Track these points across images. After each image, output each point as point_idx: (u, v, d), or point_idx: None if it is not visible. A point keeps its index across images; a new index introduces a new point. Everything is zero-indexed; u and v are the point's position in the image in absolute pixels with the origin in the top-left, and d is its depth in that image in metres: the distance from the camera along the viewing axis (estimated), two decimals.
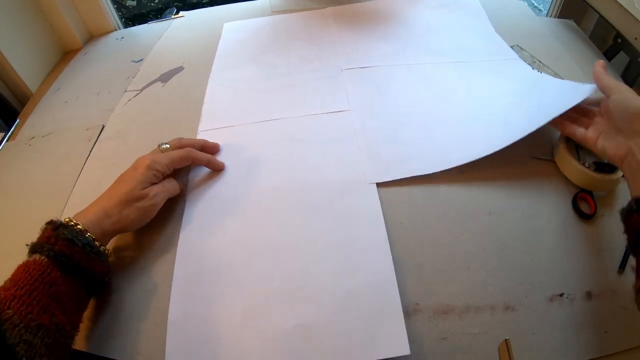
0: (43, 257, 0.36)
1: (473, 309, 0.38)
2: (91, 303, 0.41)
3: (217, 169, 0.51)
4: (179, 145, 0.50)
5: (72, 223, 0.38)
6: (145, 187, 0.44)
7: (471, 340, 0.37)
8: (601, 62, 0.46)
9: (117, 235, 0.45)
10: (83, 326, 0.38)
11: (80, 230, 0.38)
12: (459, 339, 0.37)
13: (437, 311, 0.38)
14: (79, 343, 0.39)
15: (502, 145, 0.48)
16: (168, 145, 0.49)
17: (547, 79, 0.58)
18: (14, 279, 0.34)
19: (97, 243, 0.39)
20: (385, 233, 0.43)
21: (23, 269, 0.35)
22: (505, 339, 0.36)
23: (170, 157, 0.47)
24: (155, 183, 0.45)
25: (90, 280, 0.38)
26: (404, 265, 0.41)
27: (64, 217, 0.39)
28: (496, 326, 0.38)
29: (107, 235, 0.41)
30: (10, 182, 0.56)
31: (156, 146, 0.49)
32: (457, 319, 0.38)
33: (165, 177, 0.47)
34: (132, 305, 0.41)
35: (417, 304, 0.39)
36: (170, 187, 0.47)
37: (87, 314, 0.40)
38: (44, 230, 0.38)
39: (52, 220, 0.39)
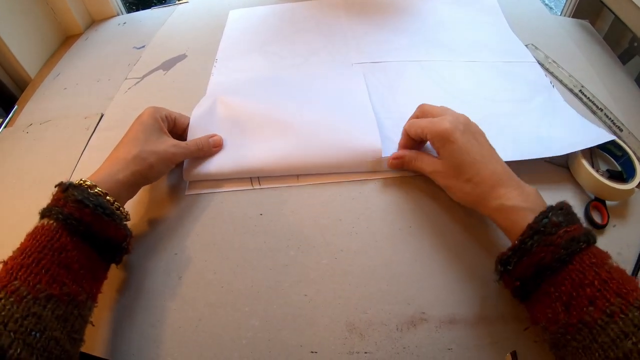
0: (51, 222, 0.33)
1: (480, 319, 0.37)
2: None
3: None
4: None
5: (82, 182, 0.36)
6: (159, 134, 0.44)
7: (477, 352, 0.36)
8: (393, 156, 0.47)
9: None
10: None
11: (91, 188, 0.36)
12: (465, 349, 0.36)
13: (444, 321, 0.37)
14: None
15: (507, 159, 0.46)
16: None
17: (560, 103, 0.56)
18: (22, 247, 0.32)
19: (110, 200, 0.36)
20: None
21: (31, 236, 0.33)
22: (512, 352, 0.35)
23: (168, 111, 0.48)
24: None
25: (105, 245, 0.36)
26: (411, 273, 0.40)
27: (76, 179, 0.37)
28: (504, 337, 0.36)
29: (124, 189, 0.39)
30: (7, 169, 0.55)
31: None
32: (463, 330, 0.37)
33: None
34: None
35: (423, 312, 0.38)
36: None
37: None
38: (53, 193, 0.36)
39: (62, 181, 0.37)
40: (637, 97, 0.59)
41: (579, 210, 0.45)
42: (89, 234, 0.34)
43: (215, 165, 0.49)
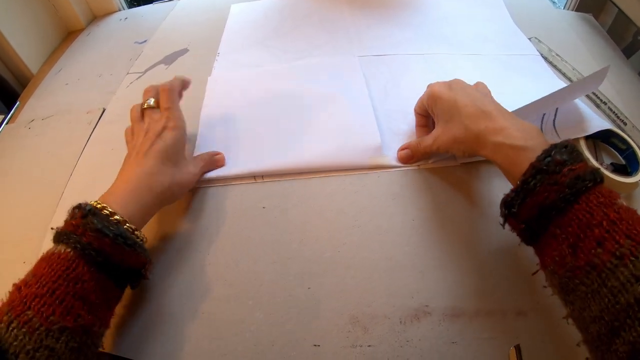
0: (69, 250, 0.32)
1: (484, 313, 0.37)
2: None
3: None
4: (158, 92, 0.46)
5: (101, 207, 0.34)
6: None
7: (481, 345, 0.36)
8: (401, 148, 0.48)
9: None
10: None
11: (112, 215, 0.34)
12: (468, 343, 0.36)
13: (447, 314, 0.37)
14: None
15: None
16: (152, 101, 0.45)
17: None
18: (37, 274, 0.31)
19: (130, 229, 0.35)
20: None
21: (47, 262, 0.31)
22: (516, 345, 0.35)
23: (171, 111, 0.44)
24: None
25: (124, 274, 0.35)
26: (414, 267, 0.40)
27: (93, 200, 0.35)
28: (508, 331, 0.36)
29: (145, 217, 0.38)
30: (9, 165, 0.55)
31: (138, 110, 0.46)
32: (467, 323, 0.37)
33: None
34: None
35: (426, 305, 0.38)
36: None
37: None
38: (71, 216, 0.34)
39: (80, 204, 0.34)
40: None
41: None
42: (108, 264, 0.33)
43: (216, 169, 0.49)
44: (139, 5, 0.86)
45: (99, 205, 0.34)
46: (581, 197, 0.29)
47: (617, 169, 0.46)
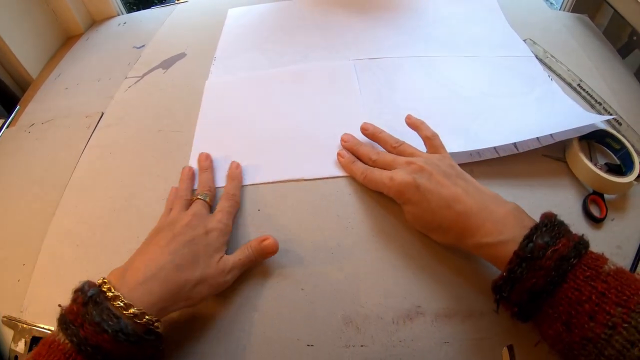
0: (67, 342, 0.29)
1: (477, 313, 0.37)
2: None
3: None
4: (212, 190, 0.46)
5: (106, 290, 0.30)
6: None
7: (474, 345, 0.36)
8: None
9: None
10: None
11: (114, 300, 0.30)
12: (461, 343, 0.36)
13: (440, 315, 0.37)
14: None
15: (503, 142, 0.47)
16: (207, 195, 0.43)
17: (559, 95, 0.56)
18: (36, 358, 0.29)
19: (142, 322, 0.30)
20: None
21: (47, 349, 0.29)
22: (508, 345, 0.35)
23: (228, 213, 0.42)
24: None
25: None
26: (407, 267, 0.40)
27: (101, 278, 0.32)
28: (500, 331, 0.36)
29: (163, 306, 0.33)
30: (10, 169, 0.56)
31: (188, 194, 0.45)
32: (459, 323, 0.37)
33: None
34: None
35: (419, 306, 0.38)
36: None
37: None
38: (73, 299, 0.31)
39: (84, 286, 0.31)
40: (636, 90, 0.59)
41: (577, 204, 0.45)
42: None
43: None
44: (138, 9, 0.87)
45: (105, 288, 0.31)
46: (568, 276, 0.30)
47: (612, 168, 0.46)
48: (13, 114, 0.64)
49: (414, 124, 0.47)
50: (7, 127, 0.62)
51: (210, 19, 0.77)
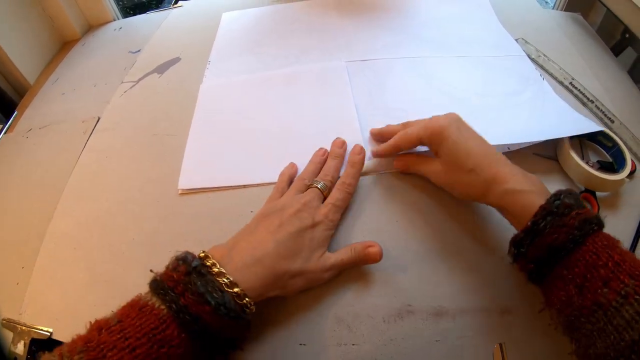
0: (163, 308, 0.29)
1: (467, 311, 0.38)
2: None
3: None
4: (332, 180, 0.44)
5: (211, 263, 0.31)
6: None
7: (464, 343, 0.36)
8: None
9: None
10: None
11: (219, 276, 0.31)
12: (452, 341, 0.36)
13: (430, 313, 0.38)
14: None
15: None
16: (325, 186, 0.42)
17: (550, 95, 0.56)
18: (123, 320, 0.29)
19: (241, 303, 0.31)
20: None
21: (137, 312, 0.29)
22: (500, 343, 0.36)
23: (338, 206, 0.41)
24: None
25: (219, 343, 0.31)
26: (397, 265, 0.41)
27: (202, 251, 0.33)
28: (491, 329, 0.37)
29: (260, 298, 0.34)
30: (8, 174, 0.56)
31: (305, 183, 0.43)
32: (450, 322, 0.37)
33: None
34: None
35: (409, 305, 0.38)
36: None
37: None
38: (174, 267, 0.31)
39: (187, 256, 0.32)
40: (629, 88, 0.59)
41: None
42: (204, 334, 0.29)
43: (209, 178, 0.49)
44: (134, 15, 0.88)
45: (208, 262, 0.32)
46: (587, 239, 0.30)
47: (604, 166, 0.46)
48: (11, 120, 0.65)
49: (379, 133, 0.48)
50: (5, 133, 0.63)
51: (205, 23, 0.78)
